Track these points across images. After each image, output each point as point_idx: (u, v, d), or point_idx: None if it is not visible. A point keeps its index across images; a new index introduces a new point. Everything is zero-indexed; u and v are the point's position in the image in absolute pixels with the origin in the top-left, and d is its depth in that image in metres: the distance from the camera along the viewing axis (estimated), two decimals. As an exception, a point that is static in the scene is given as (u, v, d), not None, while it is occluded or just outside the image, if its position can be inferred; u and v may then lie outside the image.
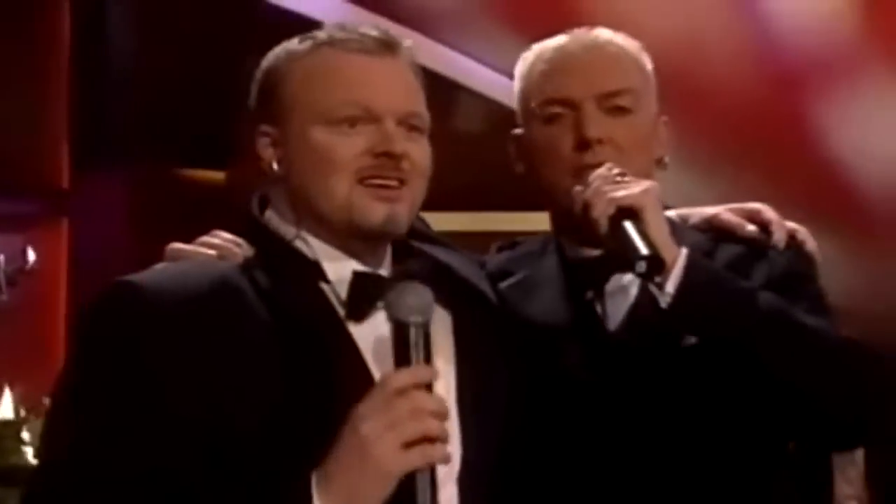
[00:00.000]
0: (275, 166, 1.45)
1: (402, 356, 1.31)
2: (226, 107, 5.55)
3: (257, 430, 1.33)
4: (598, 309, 1.73)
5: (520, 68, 1.78)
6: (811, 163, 4.72)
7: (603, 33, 1.78)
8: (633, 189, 1.61)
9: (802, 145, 4.97)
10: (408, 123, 1.42)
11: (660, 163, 1.77)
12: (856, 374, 1.64)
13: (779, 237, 1.77)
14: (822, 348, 1.63)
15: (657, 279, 1.57)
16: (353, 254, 1.44)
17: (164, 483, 1.29)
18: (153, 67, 5.12)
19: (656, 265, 1.54)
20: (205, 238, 1.51)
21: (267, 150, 1.46)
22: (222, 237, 1.50)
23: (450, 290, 1.47)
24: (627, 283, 1.71)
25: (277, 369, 1.35)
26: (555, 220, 1.78)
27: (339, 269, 1.43)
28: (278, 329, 1.37)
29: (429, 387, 1.31)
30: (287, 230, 1.46)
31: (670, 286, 1.57)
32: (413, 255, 1.47)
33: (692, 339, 1.63)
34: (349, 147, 1.40)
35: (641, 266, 1.55)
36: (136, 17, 5.07)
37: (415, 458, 1.26)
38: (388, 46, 1.45)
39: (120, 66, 5.07)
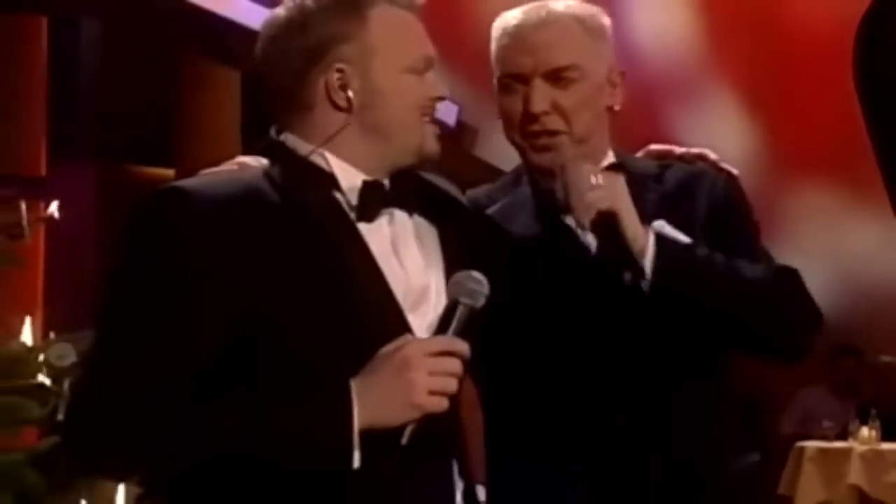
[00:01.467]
0: (350, 95, 1.45)
1: (447, 325, 1.37)
2: (173, 117, 5.82)
3: (279, 314, 1.35)
4: (571, 224, 1.69)
5: (492, 35, 1.75)
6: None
7: (557, 6, 1.73)
8: (607, 193, 1.61)
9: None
10: None
11: (611, 110, 1.74)
12: (785, 308, 1.68)
13: (712, 161, 1.80)
14: (760, 295, 1.65)
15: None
16: (375, 171, 1.47)
17: (202, 374, 1.32)
18: (115, 81, 5.35)
19: (637, 272, 1.60)
20: (230, 161, 1.53)
21: (340, 83, 1.46)
22: (244, 159, 1.50)
23: (436, 205, 1.53)
24: None
25: (297, 262, 1.37)
26: (524, 161, 1.76)
27: (350, 180, 1.45)
28: (297, 228, 1.40)
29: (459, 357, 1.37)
30: (303, 148, 1.47)
31: (647, 268, 1.60)
32: (407, 175, 1.51)
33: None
34: (423, 91, 1.48)
35: (628, 276, 1.62)
36: (103, 39, 5.32)
37: (435, 403, 1.32)
38: (419, 5, 1.52)
39: (88, 79, 5.33)
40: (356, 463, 1.31)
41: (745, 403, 5.90)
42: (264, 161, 1.46)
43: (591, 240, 1.69)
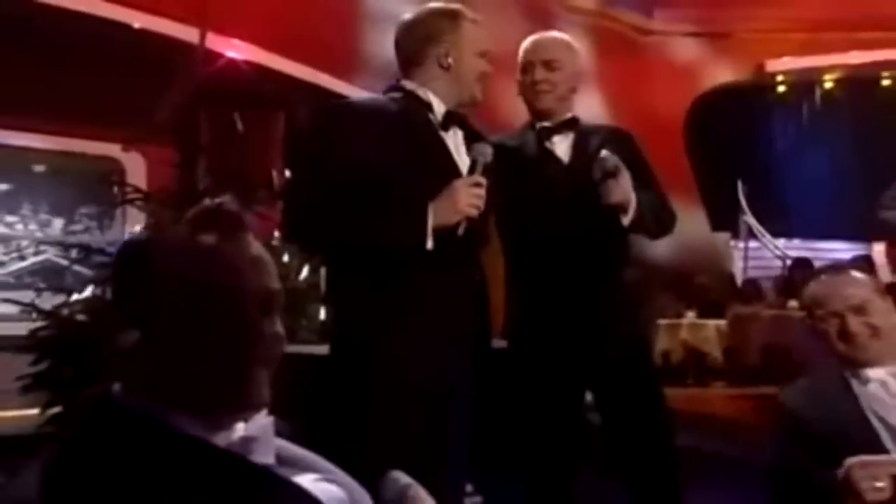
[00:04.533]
0: (450, 61, 1.39)
1: (473, 171, 1.33)
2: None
3: (393, 172, 1.28)
4: (555, 150, 1.66)
5: (522, 48, 1.69)
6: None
7: (553, 33, 1.73)
8: (626, 193, 1.51)
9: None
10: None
11: (573, 90, 1.70)
12: (670, 216, 1.69)
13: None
14: (667, 216, 1.68)
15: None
16: (449, 104, 1.39)
17: (342, 197, 1.27)
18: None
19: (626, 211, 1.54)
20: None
21: (445, 54, 1.40)
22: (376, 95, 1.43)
23: (469, 130, 1.42)
24: (563, 139, 1.65)
25: (405, 148, 1.32)
26: (530, 109, 1.70)
27: (438, 107, 1.39)
28: (406, 129, 1.34)
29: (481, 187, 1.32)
30: (414, 87, 1.39)
31: (628, 220, 1.53)
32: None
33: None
34: (481, 66, 1.39)
35: (625, 219, 1.52)
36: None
37: (469, 210, 1.29)
38: (480, 21, 1.42)
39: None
40: (430, 245, 1.24)
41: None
42: (391, 94, 1.40)
43: (563, 156, 1.63)
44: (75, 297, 2.73)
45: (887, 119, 6.85)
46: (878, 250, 5.68)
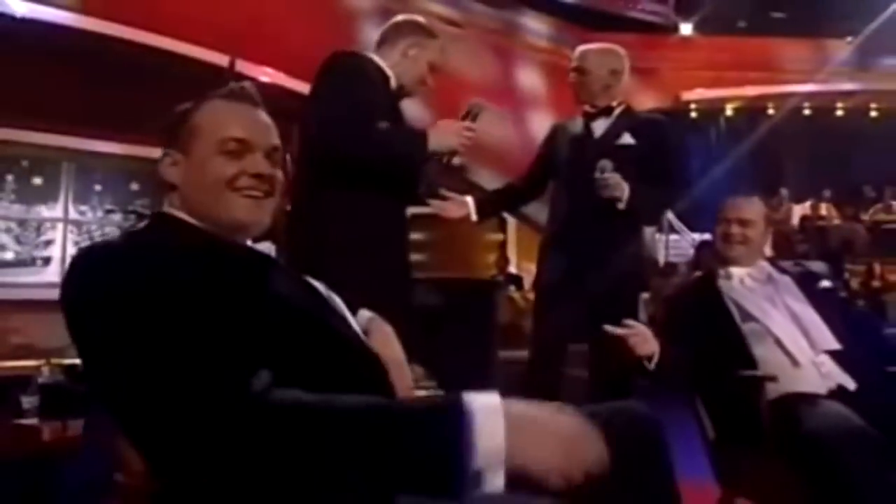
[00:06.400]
0: (408, 54, 1.50)
1: (466, 118, 1.42)
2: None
3: (381, 111, 1.37)
4: (593, 129, 1.77)
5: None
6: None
7: (590, 45, 1.81)
8: (621, 188, 1.64)
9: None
10: None
11: (608, 87, 1.78)
12: (664, 204, 1.88)
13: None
14: (661, 205, 1.86)
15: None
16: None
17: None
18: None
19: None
20: None
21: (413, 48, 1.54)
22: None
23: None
24: (603, 121, 1.76)
25: (383, 94, 1.41)
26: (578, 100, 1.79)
27: (394, 81, 1.49)
28: (382, 82, 1.46)
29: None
30: (380, 62, 1.50)
31: (623, 204, 1.66)
32: None
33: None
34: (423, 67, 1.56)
35: (620, 205, 1.63)
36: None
37: (459, 146, 1.36)
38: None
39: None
40: (430, 151, 1.35)
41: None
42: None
43: (597, 133, 1.76)
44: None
45: (772, 139, 7.83)
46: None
